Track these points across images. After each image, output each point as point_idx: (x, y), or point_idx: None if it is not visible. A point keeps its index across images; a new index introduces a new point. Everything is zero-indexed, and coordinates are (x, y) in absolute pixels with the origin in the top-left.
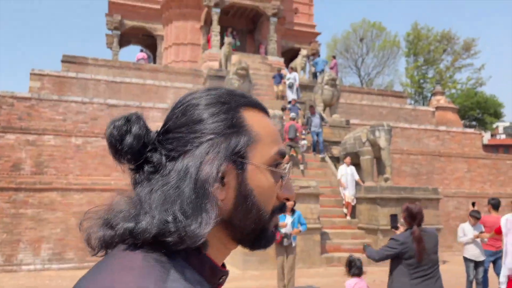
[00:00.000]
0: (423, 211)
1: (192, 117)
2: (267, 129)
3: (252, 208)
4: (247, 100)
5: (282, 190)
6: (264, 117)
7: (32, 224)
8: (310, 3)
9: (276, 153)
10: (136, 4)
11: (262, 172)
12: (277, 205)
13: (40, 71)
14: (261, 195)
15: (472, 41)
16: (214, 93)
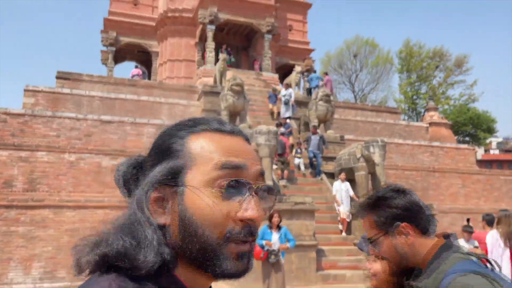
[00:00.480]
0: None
1: (156, 147)
2: (209, 148)
3: (195, 233)
4: (204, 126)
5: (241, 210)
6: (216, 137)
7: (24, 242)
8: (304, 21)
9: (217, 169)
10: (131, 21)
11: (200, 194)
12: (235, 228)
13: (34, 87)
14: (202, 218)
15: (463, 57)
16: (180, 124)
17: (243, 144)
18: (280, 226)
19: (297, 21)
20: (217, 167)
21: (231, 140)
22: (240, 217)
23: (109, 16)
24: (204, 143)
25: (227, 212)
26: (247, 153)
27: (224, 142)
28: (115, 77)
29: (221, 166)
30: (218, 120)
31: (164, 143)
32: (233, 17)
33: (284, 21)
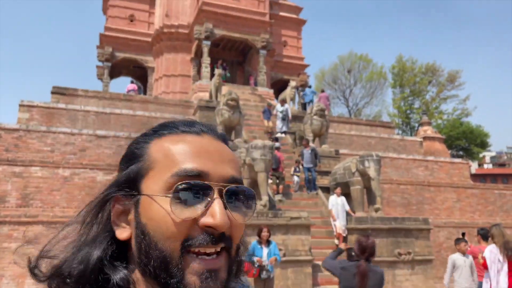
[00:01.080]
0: (375, 246)
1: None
2: (168, 152)
3: (150, 245)
4: (170, 129)
5: (203, 217)
6: (180, 139)
7: (16, 259)
8: (299, 36)
9: (173, 174)
10: (127, 36)
11: (155, 202)
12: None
13: (29, 102)
14: (156, 229)
15: (456, 73)
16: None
17: (210, 144)
18: (270, 241)
19: (291, 37)
20: (174, 174)
21: (195, 141)
22: (202, 224)
23: (105, 32)
24: (164, 147)
25: (184, 219)
26: (211, 154)
27: (187, 144)
28: (110, 92)
29: (177, 173)
30: (189, 121)
31: (129, 149)
32: (228, 33)
33: (279, 37)
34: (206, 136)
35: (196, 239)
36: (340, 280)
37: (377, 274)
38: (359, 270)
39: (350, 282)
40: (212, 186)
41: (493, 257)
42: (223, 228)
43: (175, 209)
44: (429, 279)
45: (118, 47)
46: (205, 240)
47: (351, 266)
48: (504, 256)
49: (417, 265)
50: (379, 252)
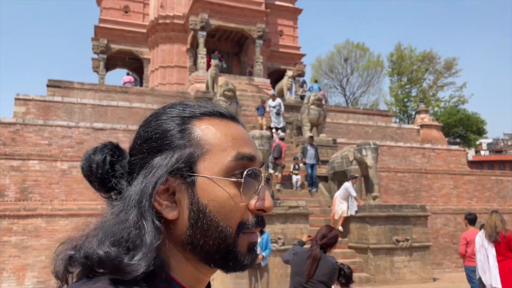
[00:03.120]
0: (334, 238)
1: (146, 137)
2: (221, 136)
3: (209, 225)
4: (203, 110)
5: (254, 201)
6: (222, 123)
7: (16, 252)
8: (295, 26)
9: (233, 159)
10: (122, 28)
11: (216, 184)
12: (248, 219)
13: (25, 96)
14: (218, 210)
15: (453, 60)
16: (170, 108)
17: (245, 131)
18: (263, 231)
19: (287, 26)
20: (235, 157)
21: (235, 127)
22: (257, 208)
23: (100, 24)
24: (212, 130)
25: (245, 203)
26: (252, 142)
27: (230, 129)
28: (106, 84)
29: (238, 157)
30: (214, 104)
31: (160, 130)
32: (224, 23)
33: (275, 26)
34: (239, 124)
35: (249, 221)
36: (291, 266)
37: (328, 263)
38: (311, 254)
39: (300, 267)
40: (262, 172)
41: (481, 242)
42: (271, 210)
43: (236, 193)
44: (427, 265)
45: (113, 39)
46: (256, 222)
47: (303, 252)
48: (490, 241)
49: (415, 251)
50: (378, 239)
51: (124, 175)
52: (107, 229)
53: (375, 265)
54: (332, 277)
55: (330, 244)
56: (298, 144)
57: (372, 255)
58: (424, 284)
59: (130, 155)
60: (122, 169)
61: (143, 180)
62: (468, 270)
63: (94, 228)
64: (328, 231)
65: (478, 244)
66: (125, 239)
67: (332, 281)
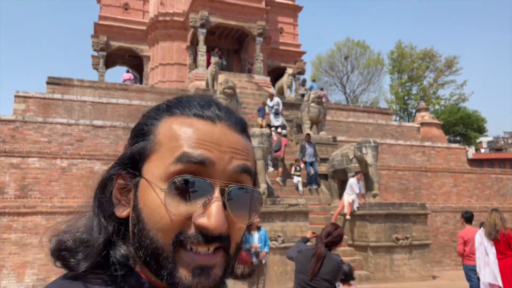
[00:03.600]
0: (339, 237)
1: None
2: (174, 134)
3: (142, 231)
4: (178, 107)
5: (198, 216)
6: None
7: (16, 249)
8: (295, 23)
9: (174, 161)
10: (122, 25)
11: (152, 189)
12: (189, 233)
13: (24, 93)
14: (150, 217)
15: (453, 58)
16: (158, 104)
17: (222, 133)
18: (260, 227)
19: (288, 23)
20: (176, 160)
21: (206, 128)
22: (196, 224)
23: (100, 21)
24: (171, 129)
25: (177, 215)
26: (221, 145)
27: (197, 129)
28: (106, 82)
29: (179, 159)
30: (206, 102)
31: (139, 123)
32: (224, 20)
33: (275, 24)
34: (220, 125)
35: (188, 235)
36: (295, 263)
37: (333, 261)
38: (316, 252)
39: (304, 265)
40: (214, 184)
41: (480, 240)
42: (217, 231)
43: (171, 202)
44: (426, 263)
45: (113, 36)
46: (198, 238)
47: (308, 250)
48: (489, 239)
49: (415, 249)
50: (378, 237)
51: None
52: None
53: (374, 263)
54: (336, 275)
55: (335, 242)
56: (298, 142)
57: (371, 253)
58: (423, 282)
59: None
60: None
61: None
62: (466, 268)
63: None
64: (333, 229)
65: (477, 242)
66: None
67: (337, 279)
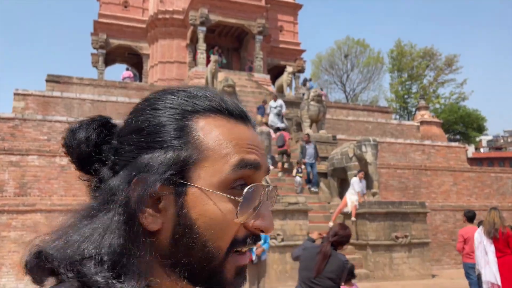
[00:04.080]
0: (347, 237)
1: (136, 126)
2: (223, 140)
3: (195, 243)
4: (209, 104)
5: (253, 218)
6: (228, 124)
7: (15, 248)
8: (295, 21)
9: (234, 168)
10: (121, 23)
11: (209, 198)
12: (242, 237)
13: (24, 91)
14: (208, 227)
15: (453, 57)
16: (172, 95)
17: (255, 135)
18: None
19: (287, 22)
20: (236, 166)
21: (244, 129)
22: (255, 227)
23: (99, 19)
24: (215, 132)
25: (240, 221)
26: (260, 147)
27: (237, 131)
28: (105, 79)
29: (240, 165)
30: (228, 99)
31: (154, 122)
32: (224, 18)
33: (275, 22)
34: (250, 126)
35: (242, 240)
36: (300, 261)
37: (338, 260)
38: (322, 250)
39: (308, 262)
40: (266, 186)
41: (480, 239)
42: (271, 231)
43: (231, 208)
44: (426, 262)
45: (112, 34)
46: (251, 241)
47: (313, 247)
48: (488, 237)
49: (414, 248)
50: (377, 235)
51: (108, 162)
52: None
53: (374, 262)
54: (340, 274)
55: (341, 242)
56: (297, 140)
57: (371, 252)
58: (422, 280)
59: (118, 142)
60: (109, 152)
61: (128, 178)
62: (466, 267)
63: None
64: (341, 229)
65: (476, 241)
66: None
67: (341, 278)
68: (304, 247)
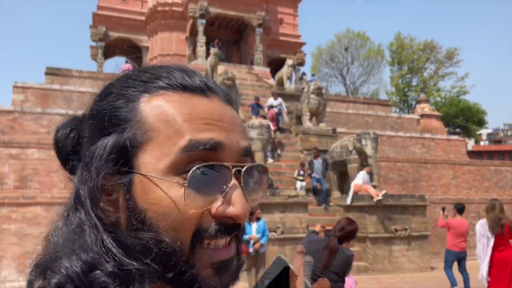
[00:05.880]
0: (353, 232)
1: (93, 110)
2: (170, 117)
3: (151, 237)
4: (162, 82)
5: (217, 204)
6: (181, 98)
7: (16, 240)
8: (295, 14)
9: (182, 150)
10: (120, 15)
11: (158, 185)
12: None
13: (23, 84)
14: (160, 218)
15: (454, 50)
16: (125, 77)
17: (220, 108)
18: (259, 218)
19: (287, 14)
20: (185, 148)
21: (201, 101)
22: (219, 214)
23: (98, 11)
24: (164, 110)
25: (199, 209)
26: (225, 122)
27: (190, 105)
28: (105, 72)
29: (190, 147)
30: (183, 69)
31: (107, 104)
32: (223, 11)
33: (275, 14)
34: (213, 97)
35: (208, 230)
36: (305, 254)
37: (344, 255)
38: (329, 245)
39: (313, 255)
40: (232, 166)
41: (483, 231)
42: (244, 218)
43: (188, 197)
44: (425, 255)
45: (111, 26)
46: (220, 231)
47: (319, 241)
48: (493, 231)
49: (413, 241)
50: (376, 228)
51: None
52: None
53: (373, 254)
54: (345, 268)
55: (348, 237)
56: (297, 134)
57: (370, 244)
58: (422, 273)
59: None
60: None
61: (85, 171)
62: (448, 253)
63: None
64: (347, 224)
65: (479, 234)
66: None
67: (346, 272)
68: (309, 240)
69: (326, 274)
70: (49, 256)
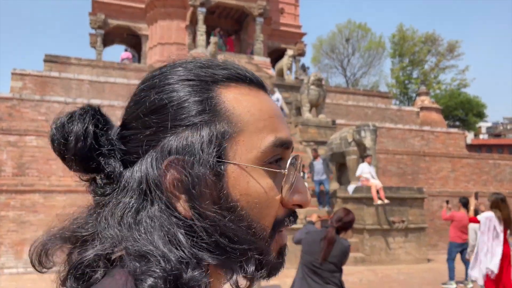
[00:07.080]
0: (351, 222)
1: (152, 104)
2: (256, 111)
3: (240, 226)
4: (227, 72)
5: (290, 194)
6: (252, 93)
7: (14, 227)
8: (296, 4)
9: (272, 143)
10: (120, 3)
11: (251, 174)
12: (283, 216)
13: (21, 71)
14: (252, 207)
15: (455, 43)
16: (184, 67)
17: (274, 103)
18: None
19: (288, 4)
20: (274, 144)
21: (267, 100)
22: (295, 202)
23: None
24: (243, 103)
25: (282, 197)
26: (284, 119)
27: (264, 103)
28: (104, 60)
29: (278, 143)
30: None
31: (173, 96)
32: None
33: (276, 4)
34: (266, 90)
35: (284, 218)
36: (302, 244)
37: (342, 245)
38: (327, 236)
39: (311, 247)
40: (299, 161)
41: (490, 225)
42: (308, 205)
43: (273, 184)
44: (422, 247)
45: (111, 14)
46: (292, 218)
47: (317, 232)
48: (503, 227)
49: (411, 233)
50: (374, 220)
51: (113, 153)
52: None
53: (370, 246)
54: (342, 259)
55: (345, 228)
56: (296, 125)
57: (368, 236)
58: (418, 265)
59: (126, 128)
60: (110, 144)
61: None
62: (451, 245)
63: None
64: (345, 215)
65: (484, 226)
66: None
67: (343, 263)
68: (306, 230)
69: (325, 264)
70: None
